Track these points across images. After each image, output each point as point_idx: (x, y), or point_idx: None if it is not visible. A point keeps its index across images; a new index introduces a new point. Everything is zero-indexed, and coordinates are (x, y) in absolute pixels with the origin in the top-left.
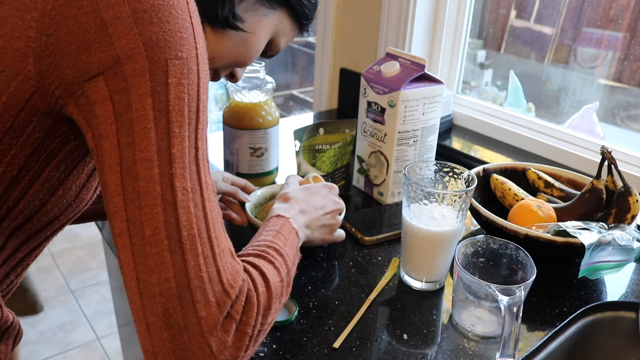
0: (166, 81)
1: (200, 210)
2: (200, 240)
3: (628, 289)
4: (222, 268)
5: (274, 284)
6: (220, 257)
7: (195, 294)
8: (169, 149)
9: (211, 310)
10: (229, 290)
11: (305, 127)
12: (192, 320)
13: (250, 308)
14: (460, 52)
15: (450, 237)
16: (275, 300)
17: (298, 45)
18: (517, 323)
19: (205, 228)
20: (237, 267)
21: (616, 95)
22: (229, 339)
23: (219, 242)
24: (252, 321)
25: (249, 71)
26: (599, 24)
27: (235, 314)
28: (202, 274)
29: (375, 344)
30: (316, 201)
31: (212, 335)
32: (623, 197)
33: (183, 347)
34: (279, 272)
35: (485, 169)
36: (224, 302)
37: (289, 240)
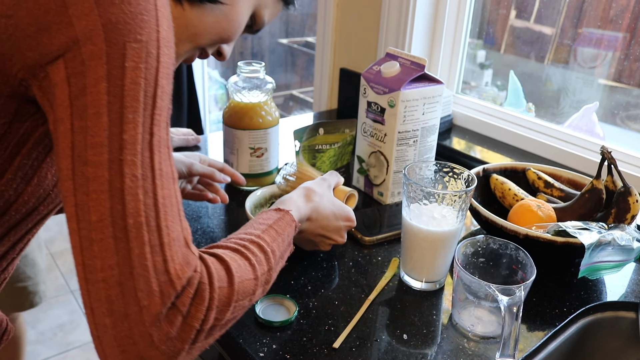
0: (123, 65)
1: (151, 197)
2: (148, 228)
3: (628, 289)
4: (169, 258)
5: (241, 281)
6: (170, 246)
7: (138, 282)
8: (121, 135)
9: (154, 299)
10: (175, 280)
11: (305, 127)
12: (133, 309)
13: (200, 302)
14: (460, 52)
15: (450, 237)
16: (241, 298)
17: (298, 45)
18: (517, 323)
19: (155, 216)
20: (189, 258)
21: (616, 95)
22: (172, 331)
23: (170, 231)
24: (201, 315)
25: (249, 71)
26: (598, 24)
27: (181, 305)
28: (146, 263)
29: (375, 344)
30: (328, 223)
31: (154, 325)
32: (623, 197)
33: (124, 335)
34: (253, 270)
35: (485, 169)
36: (168, 292)
37: (281, 236)
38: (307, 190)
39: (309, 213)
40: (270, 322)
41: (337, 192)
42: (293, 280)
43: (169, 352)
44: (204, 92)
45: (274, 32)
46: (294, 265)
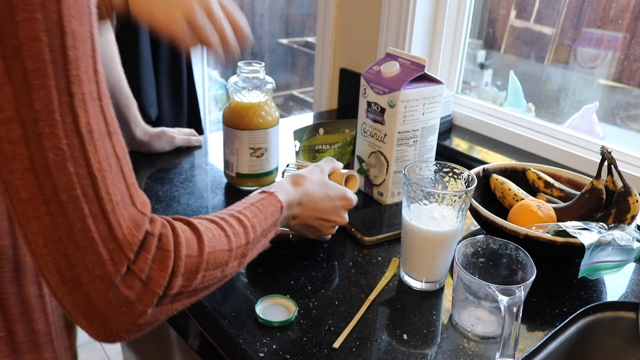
0: (13, 20)
1: (83, 166)
2: (86, 199)
3: (628, 289)
4: (115, 224)
5: (213, 251)
6: (114, 212)
7: (86, 254)
8: (32, 105)
9: (106, 268)
10: (124, 246)
11: (305, 127)
12: (87, 278)
13: (163, 268)
14: (460, 52)
15: (450, 237)
16: (211, 268)
17: (298, 45)
18: (517, 323)
19: (92, 185)
20: (138, 219)
21: (616, 95)
22: (132, 295)
23: (112, 196)
24: (164, 281)
25: (249, 71)
26: (598, 24)
27: (138, 271)
28: (91, 235)
29: (375, 344)
30: (323, 205)
31: (110, 290)
32: (623, 197)
33: (82, 299)
34: (228, 241)
35: (485, 169)
36: (119, 259)
37: (263, 213)
38: (295, 176)
39: (298, 197)
40: (270, 322)
41: (334, 175)
42: (293, 280)
43: (131, 314)
44: (204, 92)
45: (274, 32)
46: (294, 265)
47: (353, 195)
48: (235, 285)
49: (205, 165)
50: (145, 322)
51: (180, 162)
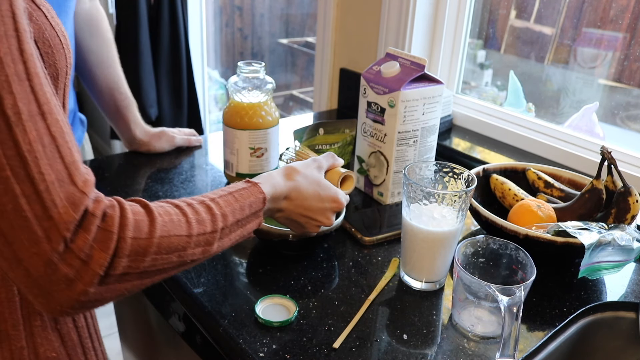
0: None
1: (12, 148)
2: (17, 179)
3: (628, 289)
4: (50, 203)
5: (167, 235)
6: (49, 191)
7: (22, 233)
8: None
9: (42, 246)
10: (60, 225)
11: (305, 127)
12: (24, 255)
13: (104, 248)
14: (460, 52)
15: (450, 237)
16: (164, 252)
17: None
18: (517, 323)
19: (22, 165)
20: (76, 198)
21: (616, 95)
22: (71, 273)
23: (46, 175)
24: (104, 261)
25: (249, 71)
26: (599, 24)
27: (77, 250)
28: (25, 214)
29: (375, 344)
30: (311, 203)
31: (48, 267)
32: (623, 197)
33: (23, 275)
34: (189, 227)
35: (485, 169)
36: (55, 238)
37: (239, 202)
38: (289, 169)
39: (286, 191)
40: (270, 322)
41: (332, 173)
42: (293, 280)
43: (72, 292)
44: (204, 92)
45: (274, 32)
46: (294, 265)
47: (345, 197)
48: (235, 285)
49: (205, 165)
50: (91, 300)
51: (180, 162)
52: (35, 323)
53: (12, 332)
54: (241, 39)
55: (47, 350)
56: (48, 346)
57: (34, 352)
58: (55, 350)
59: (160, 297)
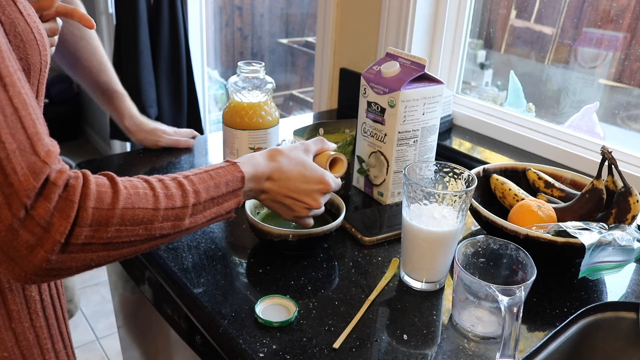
0: None
1: None
2: None
3: (628, 289)
4: (10, 170)
5: (131, 207)
6: (9, 159)
7: None
8: None
9: (2, 211)
10: (20, 192)
11: (305, 127)
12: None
13: (64, 217)
14: (460, 52)
15: (450, 238)
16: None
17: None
18: (517, 323)
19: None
20: (37, 167)
21: (616, 95)
22: (31, 239)
23: (6, 144)
24: (64, 229)
25: (249, 71)
26: (599, 24)
27: (37, 217)
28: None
29: (375, 344)
30: (295, 184)
31: (9, 232)
32: (623, 198)
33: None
34: (155, 201)
35: (486, 169)
36: (15, 204)
37: (214, 180)
38: (273, 150)
39: (268, 172)
40: (270, 322)
41: (320, 157)
42: (293, 280)
43: (35, 258)
44: (204, 92)
45: (274, 32)
46: (294, 265)
47: (333, 179)
48: (235, 285)
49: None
50: (54, 268)
51: (180, 162)
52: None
53: None
54: (241, 39)
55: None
56: (1, 345)
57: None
58: (7, 350)
59: (160, 297)
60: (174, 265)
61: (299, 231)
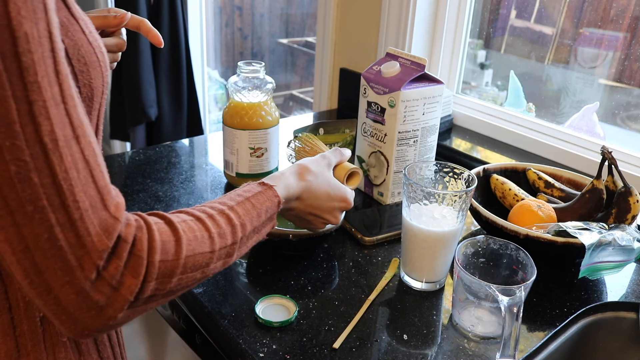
0: None
1: (48, 176)
2: (53, 209)
3: (628, 289)
4: (84, 232)
5: (193, 255)
6: (82, 219)
7: (55, 262)
8: None
9: (75, 274)
10: (93, 254)
11: (305, 127)
12: (56, 284)
13: (135, 275)
14: (460, 52)
15: (450, 238)
16: (189, 271)
17: (298, 45)
18: (517, 323)
19: (58, 194)
20: (109, 224)
21: (616, 95)
22: (101, 299)
23: (80, 204)
24: (135, 288)
25: (249, 71)
26: (599, 24)
27: (109, 277)
28: (59, 243)
29: (375, 344)
30: (321, 204)
31: (80, 295)
32: (623, 198)
33: (53, 303)
34: (211, 243)
35: (486, 169)
36: (89, 266)
37: (256, 209)
38: (301, 167)
39: (299, 192)
40: (270, 322)
41: (339, 169)
42: (293, 280)
43: (102, 318)
44: (204, 92)
45: (274, 32)
46: (294, 265)
47: (352, 196)
48: (235, 285)
49: (205, 165)
50: (117, 323)
51: (180, 163)
52: (59, 355)
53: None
54: (241, 39)
55: None
56: None
57: None
58: None
59: None
60: None
61: (299, 231)
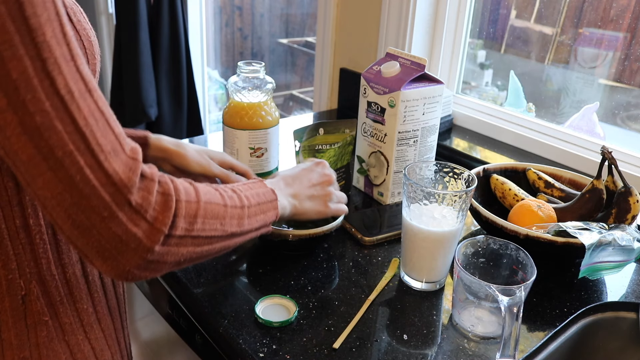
0: None
1: (70, 124)
2: (80, 152)
3: (628, 289)
4: (111, 171)
5: (209, 201)
6: (108, 161)
7: (91, 200)
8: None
9: (111, 209)
10: (123, 189)
11: (305, 127)
12: (96, 220)
13: (166, 209)
14: (460, 52)
15: (450, 238)
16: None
17: (298, 45)
18: (517, 323)
19: (82, 140)
20: (131, 164)
21: (616, 95)
22: (139, 232)
23: (103, 147)
24: (168, 220)
25: (249, 71)
26: (599, 24)
27: (142, 211)
28: (91, 183)
29: (375, 344)
30: (301, 174)
31: (119, 228)
32: (623, 198)
33: (94, 241)
34: (222, 198)
35: (486, 169)
36: (121, 201)
37: (254, 190)
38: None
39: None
40: (270, 322)
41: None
42: (293, 280)
43: (140, 250)
44: (204, 92)
45: (274, 32)
46: (294, 265)
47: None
48: (235, 285)
49: None
50: (154, 260)
51: None
52: (41, 334)
53: (15, 342)
54: (241, 39)
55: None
56: (54, 358)
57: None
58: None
59: (160, 297)
60: None
61: (299, 231)
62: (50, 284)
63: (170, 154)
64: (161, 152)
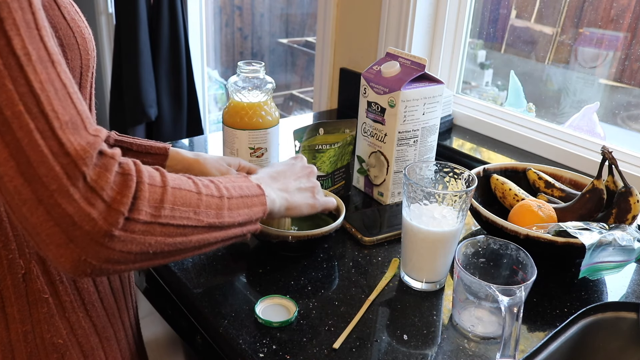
0: None
1: (24, 85)
2: (31, 115)
3: (629, 290)
4: (65, 140)
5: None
6: (62, 129)
7: (39, 169)
8: None
9: (61, 182)
10: (78, 161)
11: (305, 127)
12: (44, 194)
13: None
14: (460, 52)
15: (450, 238)
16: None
17: (298, 45)
18: (517, 323)
19: (35, 102)
20: (90, 139)
21: (617, 95)
22: (93, 212)
23: (60, 115)
24: (127, 201)
25: (249, 71)
26: (599, 24)
27: (98, 189)
28: (41, 149)
29: (376, 344)
30: (285, 169)
31: (70, 205)
32: (624, 198)
33: (44, 219)
34: (196, 186)
35: (486, 169)
36: (74, 174)
37: (236, 183)
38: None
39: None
40: (270, 322)
41: None
42: (293, 281)
43: (97, 233)
44: (203, 92)
45: (274, 32)
46: (294, 266)
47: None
48: (235, 285)
49: None
50: (115, 248)
51: None
52: (41, 310)
53: (17, 316)
54: (241, 39)
55: (54, 336)
56: (55, 333)
57: (39, 337)
58: (62, 338)
59: (160, 297)
60: (173, 265)
61: (298, 233)
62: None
63: (189, 163)
64: (180, 163)
